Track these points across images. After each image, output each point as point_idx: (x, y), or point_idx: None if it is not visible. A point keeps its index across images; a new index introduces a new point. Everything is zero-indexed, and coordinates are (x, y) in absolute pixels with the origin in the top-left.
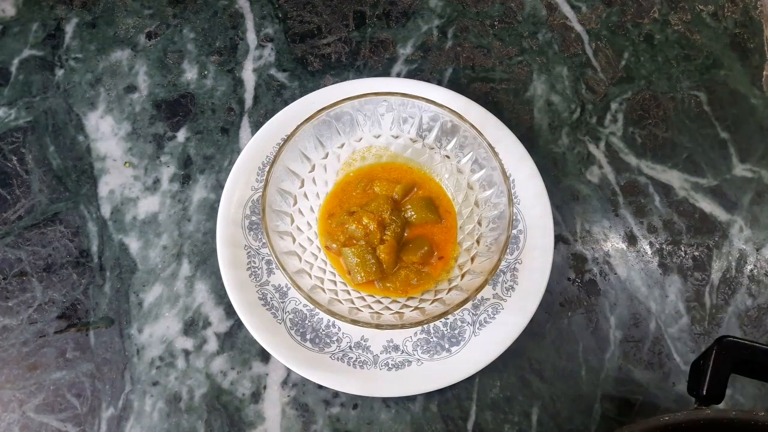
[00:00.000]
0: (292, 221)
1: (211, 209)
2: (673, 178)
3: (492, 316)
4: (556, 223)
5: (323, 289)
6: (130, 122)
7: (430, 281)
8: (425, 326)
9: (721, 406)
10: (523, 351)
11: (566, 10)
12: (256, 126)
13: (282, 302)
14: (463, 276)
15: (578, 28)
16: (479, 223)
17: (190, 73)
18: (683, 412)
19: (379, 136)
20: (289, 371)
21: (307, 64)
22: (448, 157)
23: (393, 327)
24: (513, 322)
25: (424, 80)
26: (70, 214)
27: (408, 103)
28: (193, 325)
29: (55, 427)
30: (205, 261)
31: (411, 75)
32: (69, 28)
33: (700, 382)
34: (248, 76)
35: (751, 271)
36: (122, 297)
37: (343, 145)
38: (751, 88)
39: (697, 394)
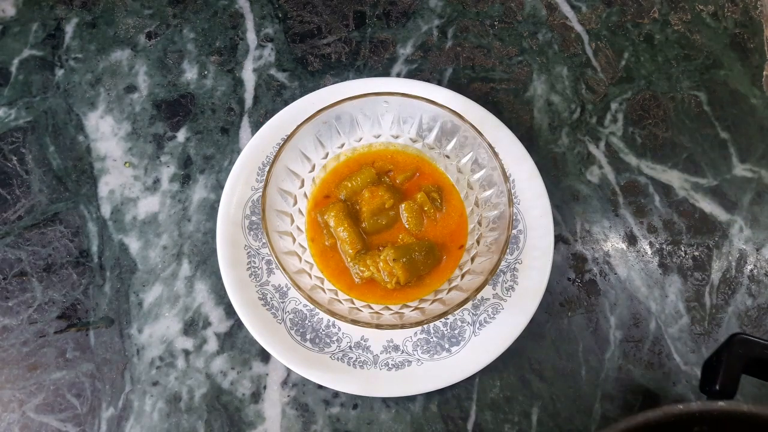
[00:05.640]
0: (292, 221)
1: (211, 209)
2: (673, 178)
3: (492, 316)
4: (556, 223)
5: (323, 289)
6: (130, 122)
7: (433, 282)
8: (425, 326)
9: None
10: (523, 351)
11: (566, 10)
12: (256, 126)
13: (282, 302)
14: (463, 276)
15: (578, 28)
16: (479, 223)
17: (190, 73)
18: (697, 402)
19: (379, 136)
20: (289, 371)
21: (307, 64)
22: (448, 157)
23: (393, 327)
24: (513, 322)
25: (424, 80)
26: (70, 214)
27: (408, 103)
28: (193, 325)
29: (55, 427)
30: (205, 261)
31: (411, 75)
32: (69, 28)
33: (714, 378)
34: (248, 76)
35: (751, 271)
36: (122, 297)
37: (343, 145)
38: (751, 88)
39: (709, 390)
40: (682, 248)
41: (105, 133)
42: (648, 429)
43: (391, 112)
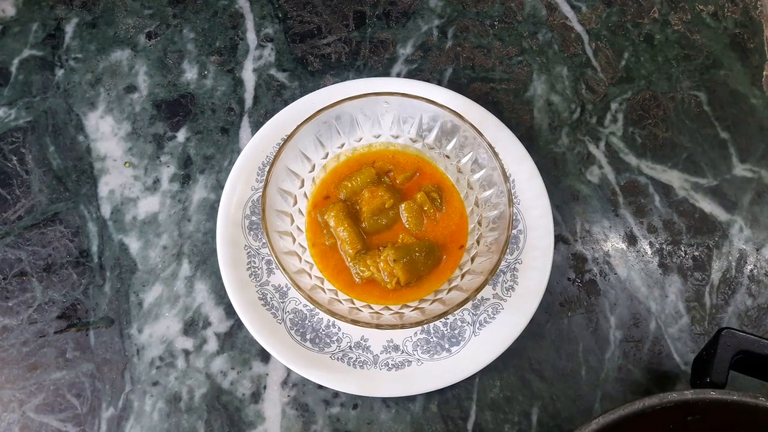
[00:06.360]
0: (292, 221)
1: (211, 209)
2: (673, 178)
3: (492, 316)
4: (556, 223)
5: (323, 289)
6: (130, 122)
7: (433, 282)
8: (425, 326)
9: None
10: (523, 351)
11: (566, 10)
12: (256, 126)
13: (282, 302)
14: (463, 276)
15: (578, 28)
16: (479, 223)
17: (190, 73)
18: (692, 390)
19: (379, 136)
20: (289, 371)
21: (307, 64)
22: (448, 157)
23: (393, 327)
24: (513, 322)
25: (424, 80)
26: (70, 214)
27: (408, 103)
28: (193, 325)
29: (55, 427)
30: (205, 261)
31: (411, 75)
32: (69, 28)
33: (704, 371)
34: (248, 76)
35: (751, 271)
36: (122, 297)
37: (343, 145)
38: (751, 88)
39: (700, 383)
40: (682, 248)
41: (105, 133)
42: (644, 416)
43: (391, 112)
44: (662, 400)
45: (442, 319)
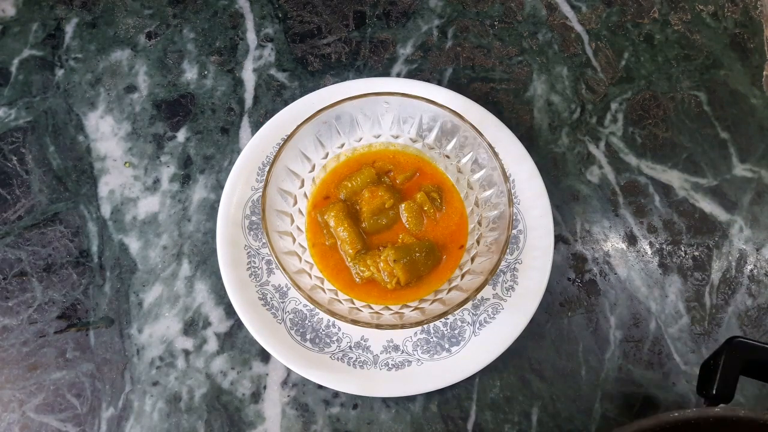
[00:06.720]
0: (292, 221)
1: (211, 209)
2: (673, 178)
3: (492, 316)
4: (556, 223)
5: (323, 289)
6: (130, 122)
7: (433, 282)
8: (425, 326)
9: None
10: (523, 351)
11: (566, 10)
12: (256, 126)
13: (282, 302)
14: (463, 276)
15: (578, 28)
16: (479, 223)
17: (190, 73)
18: (693, 409)
19: (379, 136)
20: (289, 371)
21: (307, 64)
22: (448, 157)
23: (393, 327)
24: (513, 322)
25: (424, 80)
26: (70, 214)
27: (408, 103)
28: (193, 325)
29: (55, 427)
30: (205, 261)
31: (411, 75)
32: (69, 28)
33: (710, 382)
34: (248, 76)
35: (751, 271)
36: (122, 297)
37: (343, 145)
38: (751, 88)
39: (706, 393)
40: (682, 248)
41: (105, 133)
42: None
43: (391, 112)
44: (659, 421)
45: (442, 319)
